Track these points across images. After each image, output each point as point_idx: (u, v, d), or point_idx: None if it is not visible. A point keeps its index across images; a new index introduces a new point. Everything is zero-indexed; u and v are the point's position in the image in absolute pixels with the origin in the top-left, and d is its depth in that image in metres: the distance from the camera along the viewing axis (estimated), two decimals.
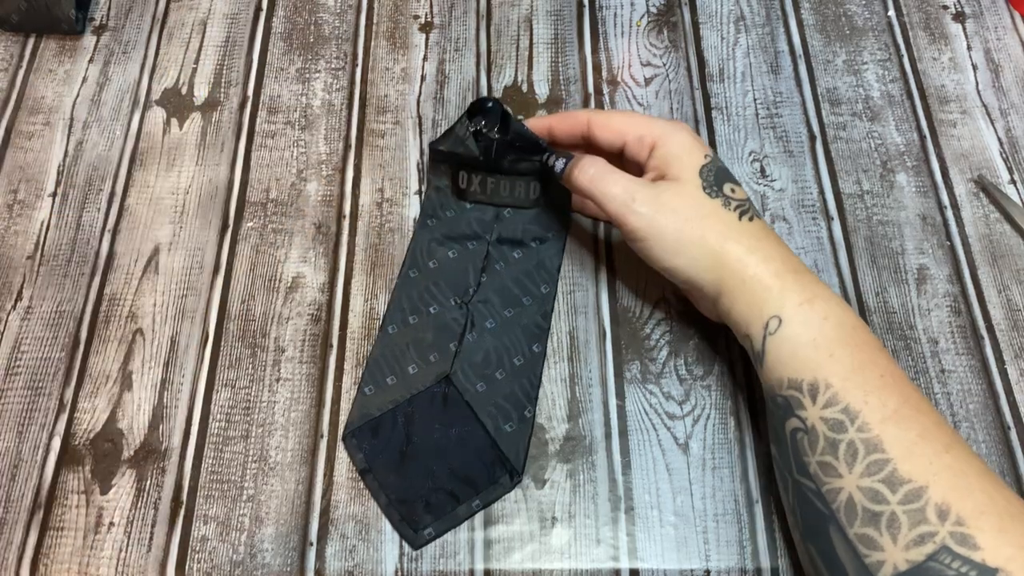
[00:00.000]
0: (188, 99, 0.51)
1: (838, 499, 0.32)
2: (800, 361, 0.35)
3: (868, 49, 0.53)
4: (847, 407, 0.33)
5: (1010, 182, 0.48)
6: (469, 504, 0.39)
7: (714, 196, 0.38)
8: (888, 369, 0.34)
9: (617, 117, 0.41)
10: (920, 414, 0.33)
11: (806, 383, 0.34)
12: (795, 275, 0.36)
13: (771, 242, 0.38)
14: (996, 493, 0.31)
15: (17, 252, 0.46)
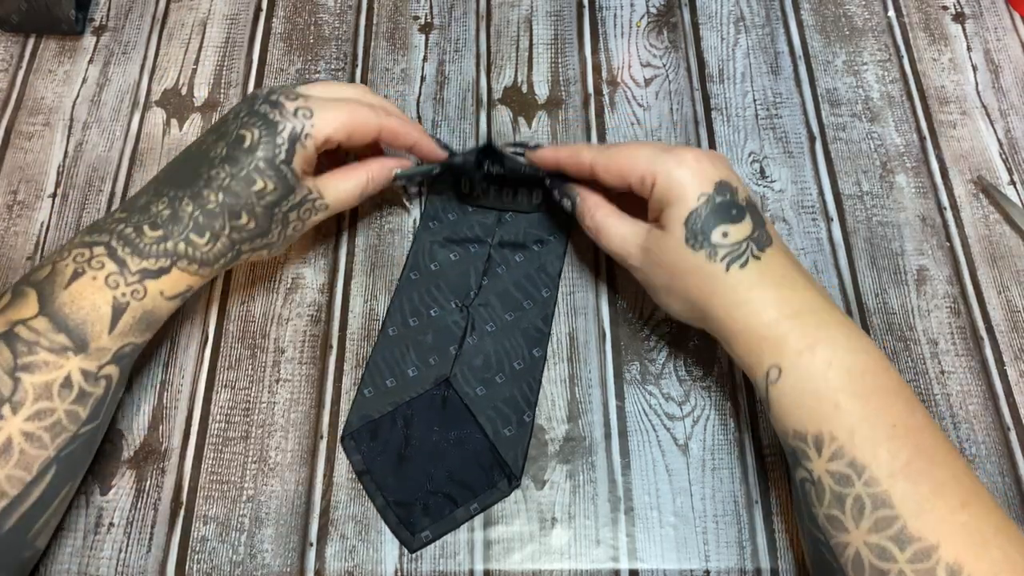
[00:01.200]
0: (188, 100, 0.51)
1: (846, 553, 0.32)
2: (804, 412, 0.33)
3: (868, 50, 0.53)
4: (853, 460, 0.32)
5: (1010, 183, 0.48)
6: (467, 508, 0.39)
7: (698, 248, 0.36)
8: (901, 417, 0.32)
9: (619, 157, 0.39)
10: (935, 467, 0.31)
11: (810, 435, 0.33)
12: (794, 319, 0.34)
13: (765, 287, 0.35)
14: (1014, 550, 0.30)
15: (17, 253, 0.46)
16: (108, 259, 0.35)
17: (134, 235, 0.36)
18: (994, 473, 0.40)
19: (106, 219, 0.37)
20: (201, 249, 0.36)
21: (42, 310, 0.34)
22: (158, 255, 0.36)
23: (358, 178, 0.41)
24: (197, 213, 0.36)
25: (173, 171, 0.38)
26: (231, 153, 0.37)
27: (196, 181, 0.37)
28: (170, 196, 0.37)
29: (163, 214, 0.36)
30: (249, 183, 0.36)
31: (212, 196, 0.36)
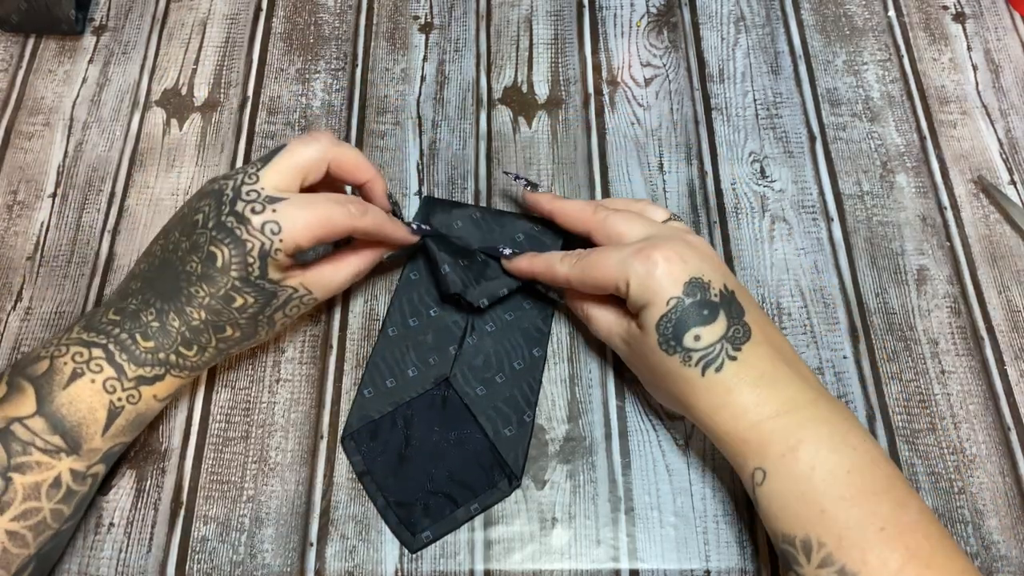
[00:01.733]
0: (188, 100, 0.51)
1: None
2: (791, 515, 0.32)
3: (868, 50, 0.53)
4: (843, 568, 0.31)
5: (1010, 183, 0.48)
6: (467, 508, 0.39)
7: (672, 353, 0.35)
8: (891, 518, 0.31)
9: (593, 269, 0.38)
10: (929, 570, 0.30)
11: (799, 539, 0.32)
12: (775, 420, 0.33)
13: (743, 389, 0.34)
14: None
15: (17, 253, 0.46)
16: (107, 363, 0.35)
17: (130, 343, 0.35)
18: (994, 473, 0.40)
19: (101, 316, 0.36)
20: (191, 359, 0.37)
21: (40, 409, 0.34)
22: (152, 364, 0.36)
23: (348, 268, 0.40)
24: (184, 329, 0.36)
25: (155, 274, 0.37)
26: (206, 272, 0.36)
27: (178, 296, 0.36)
28: (157, 308, 0.36)
29: (152, 326, 0.36)
30: (228, 301, 0.36)
31: (195, 314, 0.36)
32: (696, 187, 0.48)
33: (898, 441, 0.41)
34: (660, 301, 0.35)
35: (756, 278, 0.45)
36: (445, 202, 0.46)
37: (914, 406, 0.42)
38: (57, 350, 0.35)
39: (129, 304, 0.36)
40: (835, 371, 0.43)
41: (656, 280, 0.35)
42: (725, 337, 0.35)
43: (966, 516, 0.39)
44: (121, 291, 0.38)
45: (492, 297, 0.42)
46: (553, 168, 0.49)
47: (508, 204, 0.48)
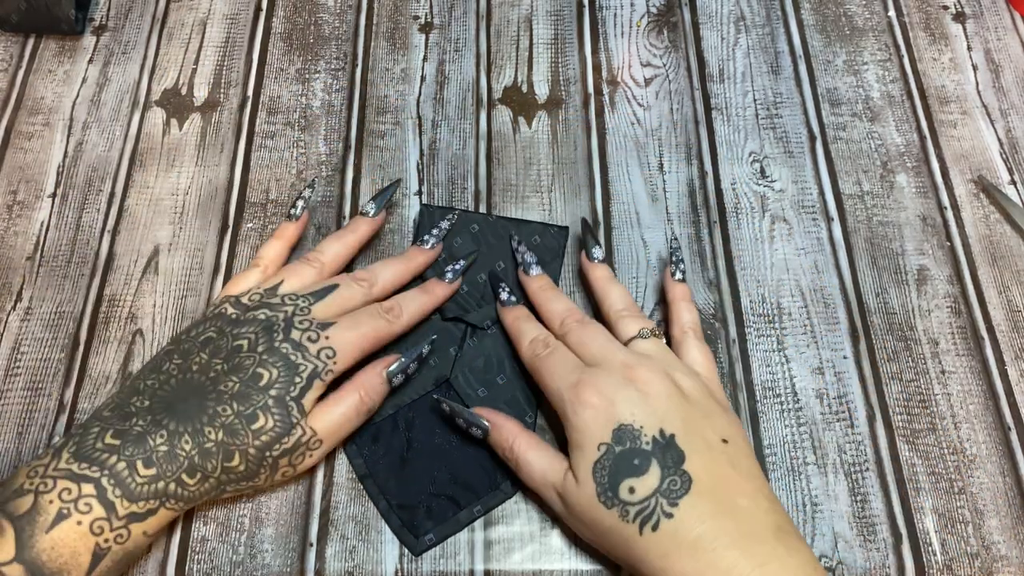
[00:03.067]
0: (188, 100, 0.51)
1: None
2: None
3: (868, 49, 0.53)
4: None
5: (1010, 183, 0.48)
6: (470, 510, 0.39)
7: (610, 506, 0.33)
8: None
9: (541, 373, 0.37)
10: None
11: None
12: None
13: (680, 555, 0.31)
14: None
15: (17, 253, 0.46)
16: (96, 502, 0.33)
17: (126, 473, 0.33)
18: (995, 473, 0.40)
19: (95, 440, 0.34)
20: (189, 488, 0.35)
21: (18, 555, 0.31)
22: (148, 496, 0.34)
23: (349, 401, 0.37)
24: (194, 452, 0.34)
25: (172, 395, 0.36)
26: (244, 391, 0.35)
27: (199, 415, 0.35)
28: (170, 430, 0.34)
29: (159, 450, 0.34)
30: (252, 420, 0.35)
31: (212, 434, 0.34)
32: (696, 187, 0.48)
33: (898, 441, 0.41)
34: (591, 446, 0.34)
35: (756, 278, 0.45)
36: (445, 211, 0.46)
37: (914, 406, 0.42)
38: (43, 483, 0.33)
39: (134, 426, 0.34)
40: (835, 371, 0.43)
41: (584, 423, 0.34)
42: (659, 491, 0.32)
43: (966, 516, 0.39)
44: (119, 408, 0.35)
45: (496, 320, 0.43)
46: (553, 168, 0.49)
47: (509, 203, 0.48)
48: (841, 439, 0.41)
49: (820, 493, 0.40)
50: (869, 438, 0.41)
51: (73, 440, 0.34)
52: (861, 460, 0.41)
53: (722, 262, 0.46)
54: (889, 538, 0.39)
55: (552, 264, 0.45)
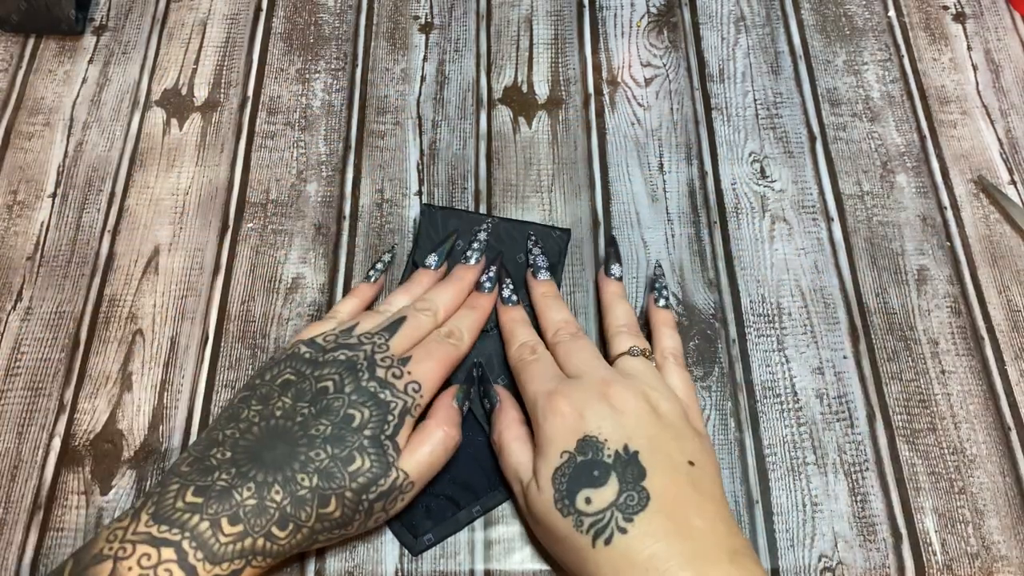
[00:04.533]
0: (188, 100, 0.51)
1: None
2: None
3: (868, 49, 0.53)
4: None
5: (1010, 183, 0.48)
6: (469, 510, 0.39)
7: (566, 514, 0.33)
8: None
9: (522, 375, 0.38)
10: None
11: None
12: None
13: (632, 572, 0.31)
14: None
15: (17, 253, 0.46)
16: (177, 567, 0.31)
17: (209, 534, 0.32)
18: (995, 473, 0.40)
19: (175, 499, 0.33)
20: (280, 542, 0.33)
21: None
22: (233, 556, 0.32)
23: (436, 438, 0.36)
24: (286, 503, 0.33)
25: (257, 443, 0.34)
26: (337, 433, 0.34)
27: (290, 462, 0.33)
28: (258, 482, 0.33)
29: (247, 504, 0.32)
30: (348, 462, 0.34)
31: (306, 480, 0.33)
32: (696, 187, 0.48)
33: (898, 441, 0.41)
34: (554, 452, 0.34)
35: (756, 278, 0.45)
36: (446, 212, 0.46)
37: (914, 406, 0.42)
38: (122, 548, 0.31)
39: (217, 481, 0.33)
40: (835, 371, 0.43)
41: (552, 429, 0.35)
42: (615, 504, 0.32)
43: (966, 516, 0.39)
44: (198, 462, 0.34)
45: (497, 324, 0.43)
46: (553, 168, 0.49)
47: (509, 203, 0.48)
48: (841, 439, 0.41)
49: (820, 493, 0.40)
50: (869, 438, 0.41)
51: (152, 500, 0.33)
52: (861, 460, 0.41)
53: (722, 262, 0.46)
54: (889, 538, 0.39)
55: (553, 266, 0.45)
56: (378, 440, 0.35)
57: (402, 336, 0.39)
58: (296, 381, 0.36)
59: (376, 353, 0.37)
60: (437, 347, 0.39)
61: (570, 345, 0.39)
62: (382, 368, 0.37)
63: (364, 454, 0.34)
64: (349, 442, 0.34)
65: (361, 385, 0.36)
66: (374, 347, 0.38)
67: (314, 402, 0.36)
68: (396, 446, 0.35)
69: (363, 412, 0.35)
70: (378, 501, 0.35)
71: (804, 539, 0.39)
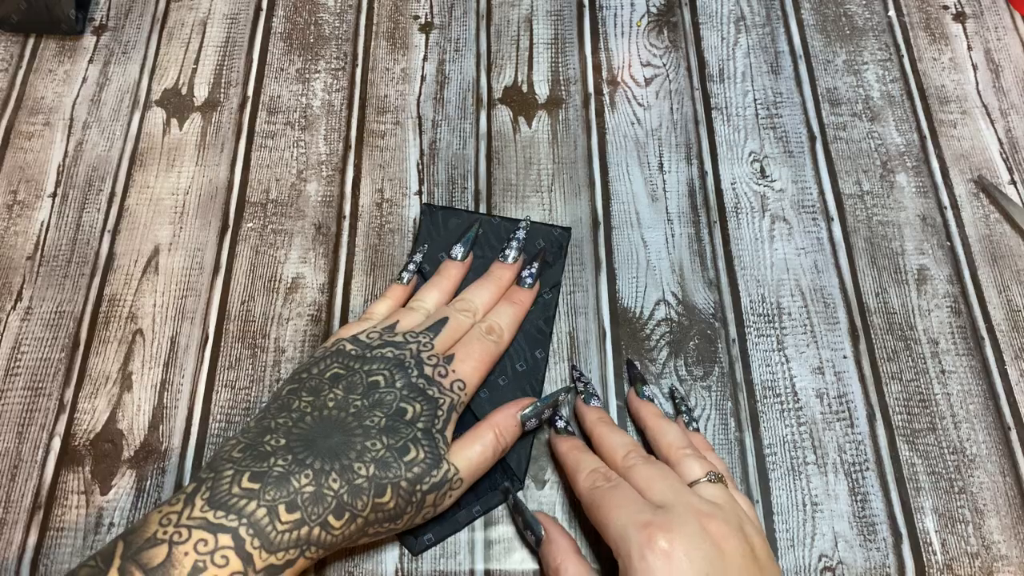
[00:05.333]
0: (188, 99, 0.51)
1: None
2: None
3: (868, 49, 0.53)
4: None
5: (1010, 182, 0.48)
6: (469, 510, 0.39)
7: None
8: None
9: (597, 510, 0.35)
10: None
11: None
12: None
13: None
14: None
15: (17, 253, 0.46)
16: (234, 554, 0.30)
17: (266, 521, 0.31)
18: (995, 473, 0.40)
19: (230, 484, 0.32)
20: (334, 532, 0.33)
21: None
22: (289, 545, 0.31)
23: (485, 439, 0.37)
24: (343, 491, 0.33)
25: (311, 431, 0.34)
26: (391, 424, 0.35)
27: (347, 452, 0.34)
28: (315, 469, 0.33)
29: (305, 492, 0.32)
30: (403, 452, 0.34)
31: (363, 469, 0.33)
32: (696, 187, 0.48)
33: (898, 441, 0.41)
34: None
35: (756, 278, 0.45)
36: (446, 211, 0.46)
37: (914, 406, 0.42)
38: (178, 533, 0.31)
39: (274, 467, 0.33)
40: (835, 371, 0.43)
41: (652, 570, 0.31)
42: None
43: (966, 516, 0.39)
44: (251, 448, 0.34)
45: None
46: (553, 168, 0.49)
47: (509, 203, 0.48)
48: (841, 439, 0.41)
49: (820, 493, 0.40)
50: (869, 438, 0.41)
51: (206, 485, 0.32)
52: (861, 460, 0.41)
53: (722, 262, 0.46)
54: (889, 538, 0.39)
55: (555, 265, 0.45)
56: (430, 433, 0.35)
57: (445, 336, 0.39)
58: (346, 375, 0.37)
59: (422, 351, 0.38)
60: (479, 345, 0.39)
61: (649, 469, 0.36)
62: (429, 366, 0.38)
63: (418, 445, 0.35)
64: (403, 433, 0.35)
65: (411, 381, 0.37)
66: (419, 346, 0.38)
67: (366, 395, 0.36)
68: (446, 439, 0.36)
69: (415, 406, 0.36)
70: (430, 493, 0.35)
71: (804, 539, 0.39)
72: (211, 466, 0.34)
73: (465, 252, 0.44)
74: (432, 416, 0.36)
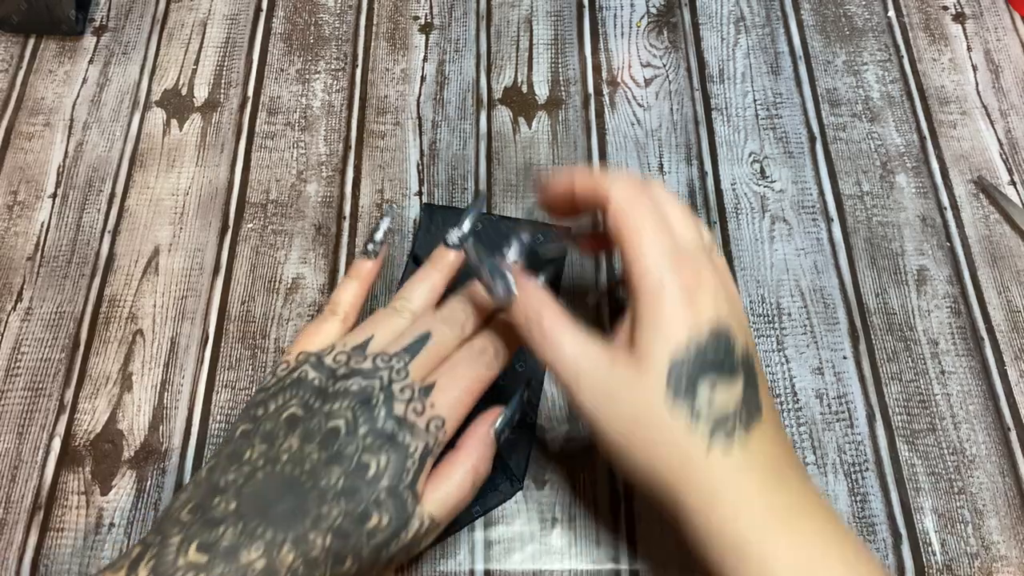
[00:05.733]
0: (188, 100, 0.51)
1: None
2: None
3: (868, 50, 0.53)
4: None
5: (1010, 183, 0.48)
6: (468, 510, 0.39)
7: (679, 408, 0.28)
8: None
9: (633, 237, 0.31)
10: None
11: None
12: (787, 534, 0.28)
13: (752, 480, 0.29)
14: None
15: (17, 253, 0.46)
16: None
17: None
18: (994, 473, 0.40)
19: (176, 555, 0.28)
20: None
21: None
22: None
23: (461, 474, 0.32)
24: (298, 564, 0.29)
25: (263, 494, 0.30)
26: (350, 484, 0.30)
27: (301, 520, 0.29)
28: (267, 540, 0.29)
29: (256, 567, 0.28)
30: (364, 519, 0.30)
31: (318, 540, 0.29)
32: (696, 187, 0.48)
33: (898, 441, 0.41)
34: (678, 337, 0.29)
35: (756, 278, 0.45)
36: (446, 210, 0.46)
37: (914, 406, 0.42)
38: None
39: (222, 537, 0.29)
40: (835, 371, 0.43)
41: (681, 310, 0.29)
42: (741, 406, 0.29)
43: (966, 516, 0.39)
44: (200, 510, 0.30)
45: None
46: (553, 168, 0.49)
47: (509, 204, 0.48)
48: (841, 439, 0.41)
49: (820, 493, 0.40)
50: (869, 438, 0.41)
51: (151, 552, 0.29)
52: (861, 460, 0.41)
53: None
54: (889, 538, 0.39)
55: (555, 263, 0.45)
56: (396, 491, 0.31)
57: (425, 358, 0.33)
58: (304, 417, 0.32)
59: (394, 382, 0.32)
60: (466, 371, 0.33)
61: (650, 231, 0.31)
62: (400, 402, 0.32)
63: (381, 509, 0.30)
64: (364, 495, 0.30)
65: (377, 427, 0.31)
66: (391, 373, 0.32)
67: (324, 446, 0.31)
68: (415, 494, 0.31)
69: (379, 459, 0.31)
70: (400, 552, 0.31)
71: None
72: (158, 528, 0.30)
73: (464, 235, 0.37)
74: (399, 470, 0.31)
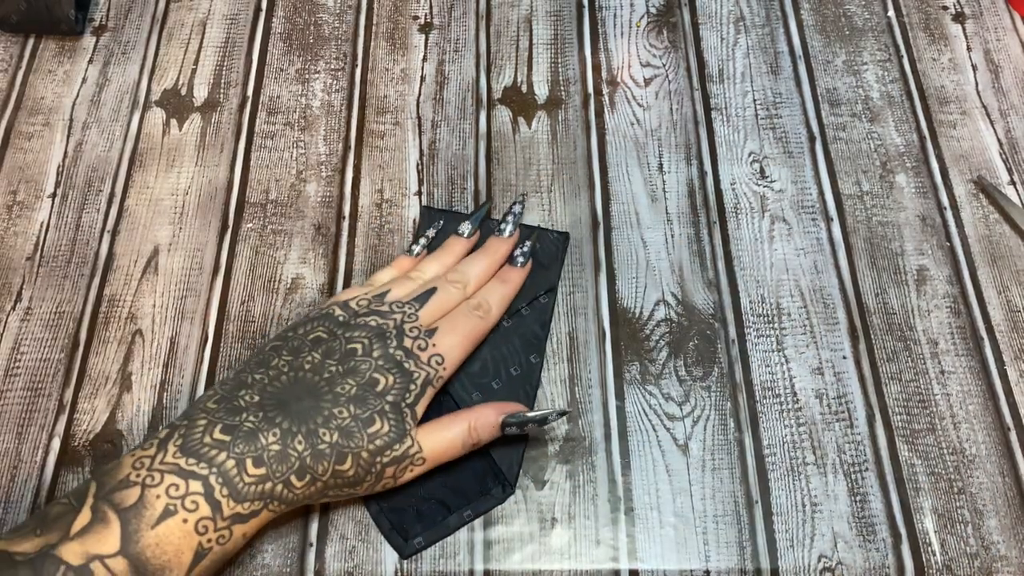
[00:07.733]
0: (187, 100, 0.51)
1: None
2: None
3: (868, 50, 0.53)
4: None
5: (1010, 183, 0.48)
6: (460, 514, 0.39)
7: None
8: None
9: None
10: None
11: None
12: None
13: None
14: None
15: (16, 253, 0.46)
16: (204, 501, 0.32)
17: (235, 472, 0.33)
18: (994, 473, 0.40)
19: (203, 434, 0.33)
20: (295, 491, 0.34)
21: (124, 549, 0.31)
22: (254, 497, 0.33)
23: (459, 428, 0.37)
24: (306, 454, 0.34)
25: (284, 391, 0.35)
26: (361, 394, 0.36)
27: (314, 416, 0.34)
28: (283, 429, 0.34)
29: (271, 449, 0.33)
30: (368, 423, 0.35)
31: (327, 436, 0.34)
32: (696, 187, 0.48)
33: (898, 441, 0.41)
34: None
35: (756, 278, 0.45)
36: (445, 213, 0.46)
37: (914, 406, 0.42)
38: (150, 476, 0.32)
39: (244, 422, 0.34)
40: (835, 371, 0.43)
41: None
42: None
43: (966, 516, 0.39)
44: (226, 401, 0.35)
45: None
46: (553, 168, 0.49)
47: (508, 204, 0.48)
48: (840, 439, 0.41)
49: (819, 493, 0.40)
50: (868, 438, 0.41)
51: (179, 432, 0.34)
52: (860, 460, 0.41)
53: (722, 262, 0.46)
54: (888, 538, 0.39)
55: (551, 268, 0.45)
56: (398, 407, 0.36)
57: (431, 307, 0.40)
58: (327, 339, 0.37)
59: (405, 323, 0.38)
60: (464, 320, 0.40)
61: None
62: (409, 338, 0.38)
63: (384, 418, 0.35)
64: (371, 404, 0.35)
65: (388, 352, 0.37)
66: (404, 316, 0.39)
67: (342, 361, 0.37)
68: (414, 414, 0.36)
69: (387, 378, 0.36)
70: (390, 466, 0.35)
71: (804, 539, 0.39)
72: (186, 414, 0.35)
73: (472, 229, 0.44)
74: (404, 390, 0.36)
